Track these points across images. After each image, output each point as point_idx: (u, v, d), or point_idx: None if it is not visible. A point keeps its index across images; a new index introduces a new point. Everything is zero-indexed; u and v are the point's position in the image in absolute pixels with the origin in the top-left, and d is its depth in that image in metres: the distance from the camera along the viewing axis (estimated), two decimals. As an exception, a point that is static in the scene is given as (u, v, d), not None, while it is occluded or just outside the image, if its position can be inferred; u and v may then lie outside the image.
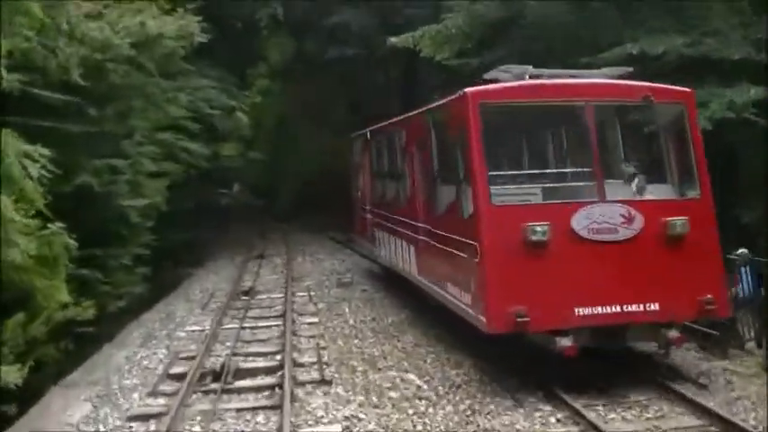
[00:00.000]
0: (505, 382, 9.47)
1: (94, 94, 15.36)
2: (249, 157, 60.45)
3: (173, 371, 10.73)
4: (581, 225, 9.02)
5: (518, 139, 12.68)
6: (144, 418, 8.98)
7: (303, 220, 37.00)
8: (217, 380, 10.13)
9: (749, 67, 13.32)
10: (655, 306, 9.00)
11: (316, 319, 13.92)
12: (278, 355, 11.27)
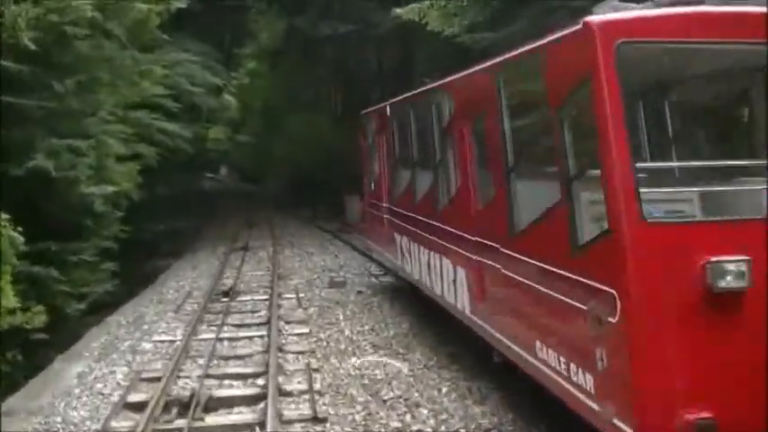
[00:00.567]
0: (547, 426, 7.49)
1: (56, 64, 13.58)
2: (237, 140, 58.90)
3: (131, 398, 8.80)
4: None
5: (672, 108, 7.71)
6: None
7: (291, 207, 35.62)
8: (184, 413, 8.24)
9: None
10: None
11: (305, 329, 11.99)
12: (260, 379, 9.35)
